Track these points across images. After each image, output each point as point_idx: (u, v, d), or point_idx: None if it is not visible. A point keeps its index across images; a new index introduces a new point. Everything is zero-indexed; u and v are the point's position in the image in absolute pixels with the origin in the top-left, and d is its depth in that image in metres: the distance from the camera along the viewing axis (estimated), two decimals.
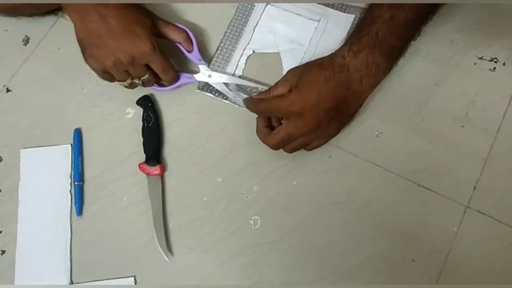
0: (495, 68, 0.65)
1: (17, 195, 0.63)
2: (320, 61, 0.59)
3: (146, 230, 0.61)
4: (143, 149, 0.64)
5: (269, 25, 0.69)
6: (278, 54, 0.68)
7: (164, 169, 0.64)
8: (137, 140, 0.64)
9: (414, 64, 0.65)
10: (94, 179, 0.64)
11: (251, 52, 0.68)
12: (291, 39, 0.68)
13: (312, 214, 0.62)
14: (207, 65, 0.65)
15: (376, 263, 0.60)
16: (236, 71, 0.67)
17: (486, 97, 0.64)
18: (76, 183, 0.63)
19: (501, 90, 0.65)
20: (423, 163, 0.62)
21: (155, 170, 0.63)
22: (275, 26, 0.69)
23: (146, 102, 0.65)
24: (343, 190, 0.62)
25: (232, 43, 0.68)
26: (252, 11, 0.69)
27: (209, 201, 0.63)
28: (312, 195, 0.62)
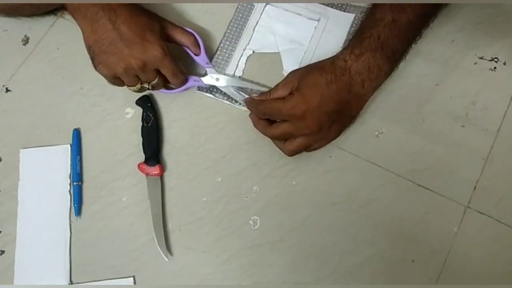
0: (495, 68, 0.65)
1: (16, 195, 0.63)
2: (322, 64, 0.59)
3: (146, 230, 0.61)
4: (142, 149, 0.64)
5: (269, 25, 0.69)
6: (278, 54, 0.67)
7: (163, 169, 0.64)
8: (136, 140, 0.64)
9: (414, 64, 0.65)
10: (93, 179, 0.64)
11: (251, 52, 0.68)
12: (291, 39, 0.68)
13: (312, 214, 0.62)
14: (215, 68, 0.65)
15: (376, 264, 0.60)
16: (236, 72, 0.67)
17: (487, 97, 0.64)
18: (75, 183, 0.63)
19: (502, 90, 0.65)
20: (423, 163, 0.62)
21: (155, 170, 0.63)
22: (275, 26, 0.68)
23: (145, 102, 0.65)
24: (343, 190, 0.62)
25: (232, 44, 0.68)
26: (252, 11, 0.69)
27: (208, 201, 0.63)
28: (312, 195, 0.62)
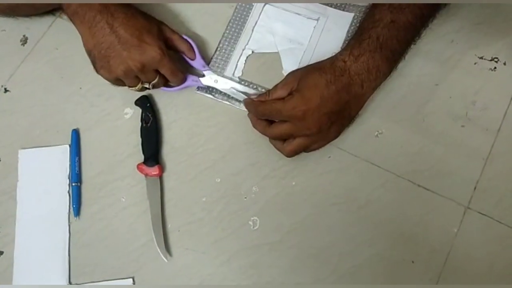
0: (495, 68, 0.65)
1: (15, 196, 0.63)
2: (321, 64, 0.59)
3: (145, 231, 0.61)
4: (141, 150, 0.63)
5: (268, 24, 0.68)
6: (278, 53, 0.67)
7: (162, 170, 0.63)
8: (135, 140, 0.64)
9: (414, 64, 0.65)
10: (92, 180, 0.64)
11: (250, 52, 0.67)
12: (290, 38, 0.68)
13: (311, 215, 0.61)
14: (212, 70, 0.65)
15: (376, 264, 0.60)
16: (235, 72, 0.67)
17: (487, 97, 0.64)
18: (74, 183, 0.63)
19: (502, 90, 0.64)
20: (423, 163, 0.62)
21: (154, 170, 0.62)
22: (274, 26, 0.68)
23: (144, 103, 0.65)
24: (343, 190, 0.62)
25: (231, 44, 0.68)
26: (251, 11, 0.69)
27: (208, 202, 0.62)
28: (312, 195, 0.62)
